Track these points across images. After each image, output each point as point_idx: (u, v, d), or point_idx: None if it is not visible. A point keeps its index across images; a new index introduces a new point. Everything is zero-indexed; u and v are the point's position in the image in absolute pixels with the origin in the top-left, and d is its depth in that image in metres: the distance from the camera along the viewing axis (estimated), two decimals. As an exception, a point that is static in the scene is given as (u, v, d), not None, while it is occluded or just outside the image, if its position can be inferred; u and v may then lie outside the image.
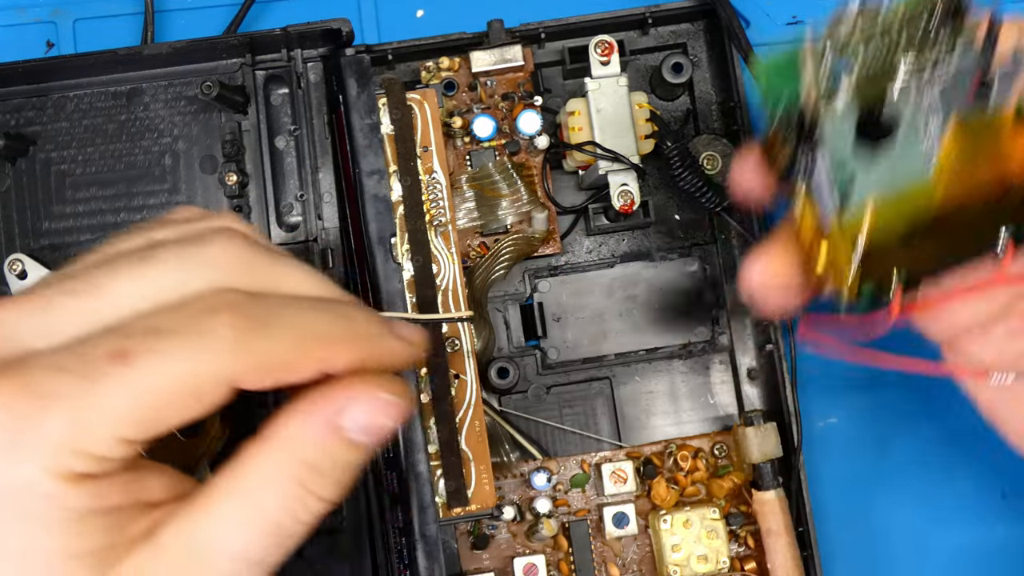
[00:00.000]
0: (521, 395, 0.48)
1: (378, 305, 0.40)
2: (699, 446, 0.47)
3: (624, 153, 0.44)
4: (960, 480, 0.50)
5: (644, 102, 0.45)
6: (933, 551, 0.49)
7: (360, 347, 0.28)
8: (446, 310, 0.41)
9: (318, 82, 0.44)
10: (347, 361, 0.27)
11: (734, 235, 0.48)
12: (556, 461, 0.47)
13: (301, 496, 0.27)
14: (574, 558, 0.46)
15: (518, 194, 0.46)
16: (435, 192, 0.41)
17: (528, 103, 0.47)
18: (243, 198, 0.44)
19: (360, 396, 0.27)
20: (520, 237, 0.47)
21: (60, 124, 0.45)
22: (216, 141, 0.44)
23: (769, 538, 0.44)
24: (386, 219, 0.40)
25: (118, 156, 0.45)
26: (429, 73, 0.48)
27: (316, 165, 0.43)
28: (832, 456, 0.49)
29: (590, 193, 0.48)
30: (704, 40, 0.49)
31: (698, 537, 0.44)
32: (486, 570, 0.46)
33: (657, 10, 0.47)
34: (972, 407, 0.50)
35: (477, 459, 0.40)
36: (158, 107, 0.45)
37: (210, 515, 0.26)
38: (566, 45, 0.48)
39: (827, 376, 0.50)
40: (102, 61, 0.44)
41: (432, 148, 0.41)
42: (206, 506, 0.26)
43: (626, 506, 0.46)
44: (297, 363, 0.27)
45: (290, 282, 0.29)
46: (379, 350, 0.28)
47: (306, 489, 0.27)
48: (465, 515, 0.40)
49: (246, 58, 0.44)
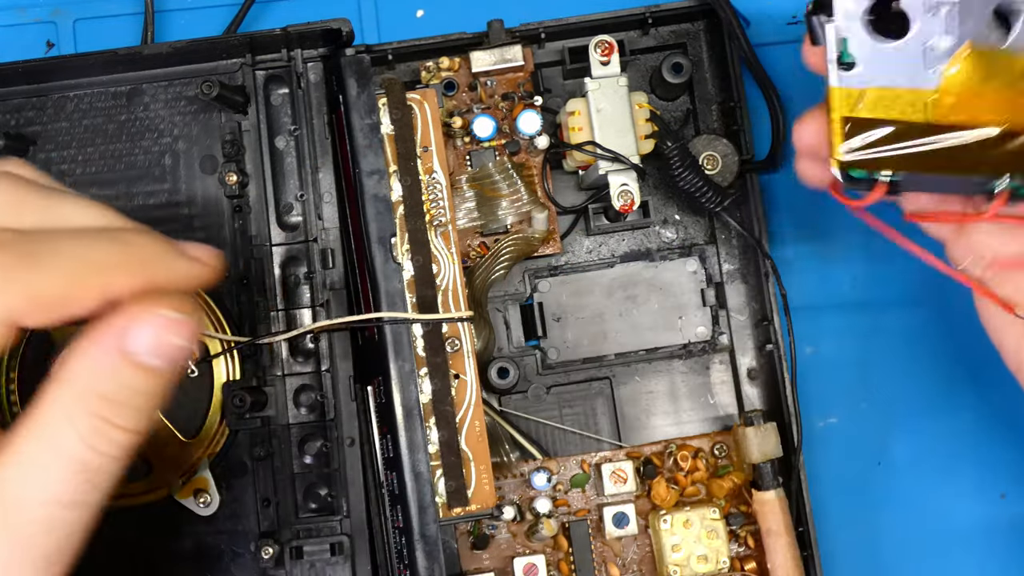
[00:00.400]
0: (521, 395, 0.48)
1: (378, 305, 0.40)
2: (699, 446, 0.47)
3: (624, 153, 0.44)
4: (960, 480, 0.50)
5: (644, 102, 0.45)
6: (933, 551, 0.49)
7: (141, 270, 0.27)
8: (446, 310, 0.40)
9: (318, 82, 0.44)
10: (129, 286, 0.27)
11: (734, 235, 0.48)
12: (556, 461, 0.47)
13: (101, 429, 0.26)
14: (574, 558, 0.46)
15: (518, 194, 0.46)
16: (435, 192, 0.41)
17: (528, 103, 0.47)
18: (243, 198, 0.44)
19: (142, 317, 0.26)
20: (520, 237, 0.47)
21: (60, 124, 0.45)
22: (216, 141, 0.44)
23: (769, 538, 0.44)
24: (386, 219, 0.40)
25: (118, 156, 0.45)
26: (429, 73, 0.48)
27: (316, 165, 0.43)
28: (832, 456, 0.49)
29: (590, 193, 0.48)
30: (704, 40, 0.49)
31: (698, 537, 0.44)
32: (486, 570, 0.46)
33: (657, 10, 0.47)
34: (972, 407, 0.50)
35: (477, 459, 0.40)
36: (158, 107, 0.45)
37: (12, 463, 0.26)
38: (566, 45, 0.48)
39: (827, 376, 0.50)
40: (102, 61, 0.44)
41: (432, 148, 0.41)
42: (7, 454, 0.26)
43: (626, 506, 0.46)
44: (76, 294, 0.26)
45: (69, 217, 0.28)
46: (163, 272, 0.28)
47: (105, 421, 0.26)
48: (465, 515, 0.40)
49: (246, 58, 0.44)
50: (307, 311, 0.43)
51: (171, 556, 0.43)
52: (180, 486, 0.42)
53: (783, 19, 0.52)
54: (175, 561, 0.43)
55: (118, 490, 0.43)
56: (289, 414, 0.43)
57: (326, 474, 0.43)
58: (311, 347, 0.43)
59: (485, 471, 0.40)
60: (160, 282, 0.27)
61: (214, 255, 0.30)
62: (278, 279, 0.44)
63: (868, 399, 0.50)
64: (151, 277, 0.27)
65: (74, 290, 0.26)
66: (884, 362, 0.50)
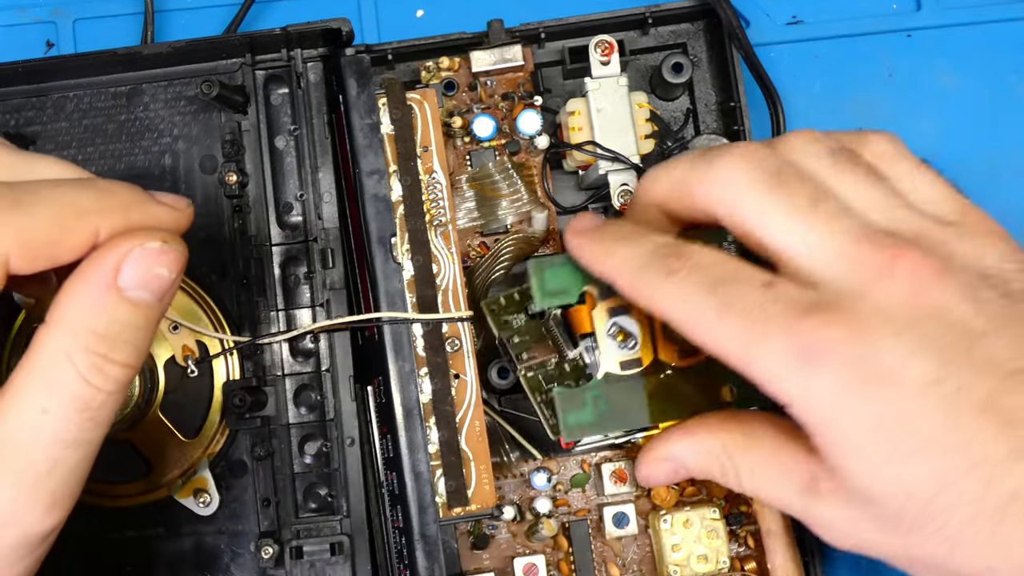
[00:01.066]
0: (521, 395, 0.48)
1: (377, 305, 0.40)
2: (699, 446, 0.47)
3: (624, 153, 0.44)
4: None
5: (644, 102, 0.45)
6: (933, 551, 0.49)
7: (123, 213, 0.28)
8: (446, 310, 0.40)
9: (318, 82, 0.44)
10: (111, 228, 0.28)
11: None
12: (556, 461, 0.47)
13: (99, 365, 0.27)
14: (574, 558, 0.46)
15: (518, 194, 0.46)
16: (435, 192, 0.41)
17: (528, 103, 0.47)
18: (243, 198, 0.44)
19: (130, 249, 0.28)
20: (520, 237, 0.47)
21: (60, 124, 0.45)
22: (216, 141, 0.44)
23: (769, 538, 0.44)
24: (386, 219, 0.40)
25: (118, 156, 0.45)
26: (429, 73, 0.48)
27: (316, 165, 0.43)
28: (832, 456, 0.49)
29: (590, 193, 0.48)
30: (704, 40, 0.49)
31: (698, 537, 0.44)
32: (486, 570, 0.46)
33: (657, 10, 0.47)
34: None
35: (477, 459, 0.40)
36: (158, 107, 0.45)
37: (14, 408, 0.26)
38: (566, 45, 0.48)
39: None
40: (102, 61, 0.44)
41: (432, 148, 0.41)
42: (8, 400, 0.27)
43: (626, 506, 0.46)
44: (64, 236, 0.27)
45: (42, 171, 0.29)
46: (143, 215, 0.29)
47: (102, 357, 0.27)
48: (465, 515, 0.40)
49: (246, 58, 0.44)
50: (307, 311, 0.43)
51: (171, 556, 0.43)
52: (180, 486, 0.42)
53: (783, 19, 0.52)
54: (175, 561, 0.43)
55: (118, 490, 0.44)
56: (289, 414, 0.43)
57: (326, 474, 0.43)
58: (311, 347, 0.43)
59: (485, 471, 0.40)
60: (139, 224, 0.29)
61: (185, 202, 0.31)
62: (278, 279, 0.44)
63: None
64: (131, 219, 0.28)
65: (62, 234, 0.27)
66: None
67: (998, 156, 0.51)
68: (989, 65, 0.52)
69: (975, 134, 0.51)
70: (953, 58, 0.52)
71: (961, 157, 0.51)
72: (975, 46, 0.52)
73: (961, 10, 0.52)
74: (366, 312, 0.41)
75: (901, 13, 0.52)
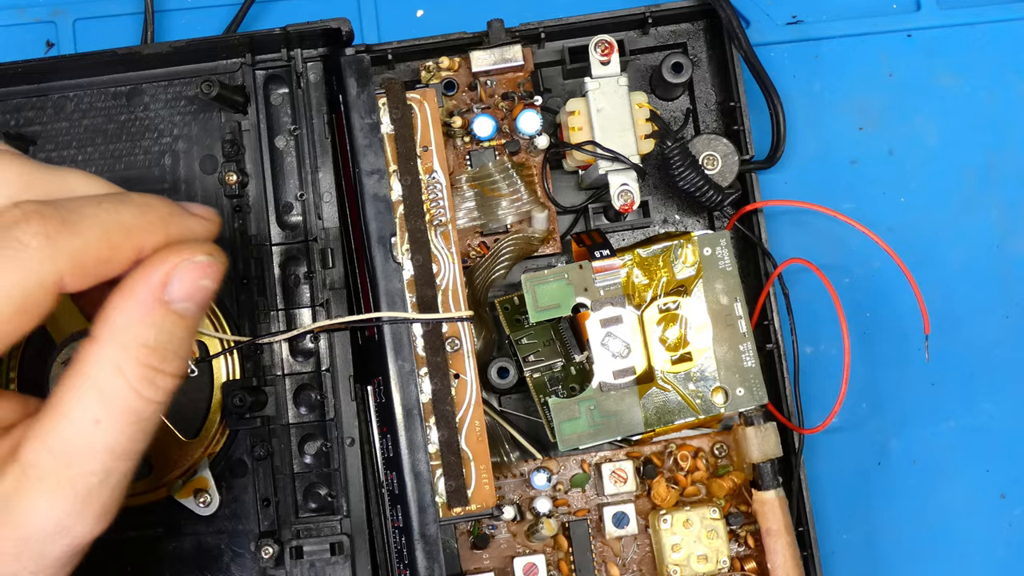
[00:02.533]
0: (521, 395, 0.48)
1: (377, 304, 0.40)
2: (699, 446, 0.47)
3: (624, 153, 0.44)
4: (960, 480, 0.50)
5: (644, 102, 0.45)
6: (932, 551, 0.49)
7: (164, 227, 0.29)
8: (446, 310, 0.40)
9: (318, 82, 0.44)
10: (154, 243, 0.28)
11: (734, 235, 0.48)
12: (556, 461, 0.47)
13: (149, 377, 0.27)
14: (574, 558, 0.46)
15: (518, 194, 0.46)
16: (435, 192, 0.41)
17: (528, 103, 0.47)
18: (243, 198, 0.44)
19: (177, 263, 0.28)
20: (520, 237, 0.47)
21: (60, 124, 0.45)
22: (216, 141, 0.44)
23: (769, 538, 0.44)
24: (386, 219, 0.40)
25: (118, 156, 0.45)
26: (429, 73, 0.47)
27: (316, 165, 0.43)
28: (832, 456, 0.49)
29: (590, 193, 0.48)
30: (704, 40, 0.49)
31: (698, 537, 0.44)
32: (486, 570, 0.46)
33: (657, 10, 0.47)
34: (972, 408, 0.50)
35: (477, 459, 0.40)
36: (158, 107, 0.45)
37: (67, 420, 0.27)
38: (566, 45, 0.48)
39: (827, 376, 0.50)
40: (102, 61, 0.44)
41: (432, 148, 0.41)
42: (60, 413, 0.27)
43: (626, 506, 0.46)
44: (113, 254, 0.27)
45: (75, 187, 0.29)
46: (180, 228, 0.30)
47: (153, 369, 0.28)
48: (465, 515, 0.40)
49: (246, 58, 0.44)
50: (307, 311, 0.43)
51: (171, 556, 0.43)
52: (180, 486, 0.42)
53: (783, 19, 0.52)
54: (175, 561, 0.43)
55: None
56: (289, 414, 0.43)
57: (326, 474, 0.43)
58: (311, 347, 0.43)
59: (485, 471, 0.40)
60: (177, 237, 0.29)
61: (213, 212, 0.32)
62: (278, 279, 0.44)
63: (868, 399, 0.50)
64: (170, 233, 0.29)
65: (112, 252, 0.28)
66: (884, 362, 0.50)
67: (998, 156, 0.51)
68: (989, 65, 0.52)
69: (975, 134, 0.51)
70: (953, 58, 0.52)
71: (961, 157, 0.51)
72: (975, 46, 0.52)
73: (961, 10, 0.52)
74: (366, 312, 0.41)
75: (901, 13, 0.52)
